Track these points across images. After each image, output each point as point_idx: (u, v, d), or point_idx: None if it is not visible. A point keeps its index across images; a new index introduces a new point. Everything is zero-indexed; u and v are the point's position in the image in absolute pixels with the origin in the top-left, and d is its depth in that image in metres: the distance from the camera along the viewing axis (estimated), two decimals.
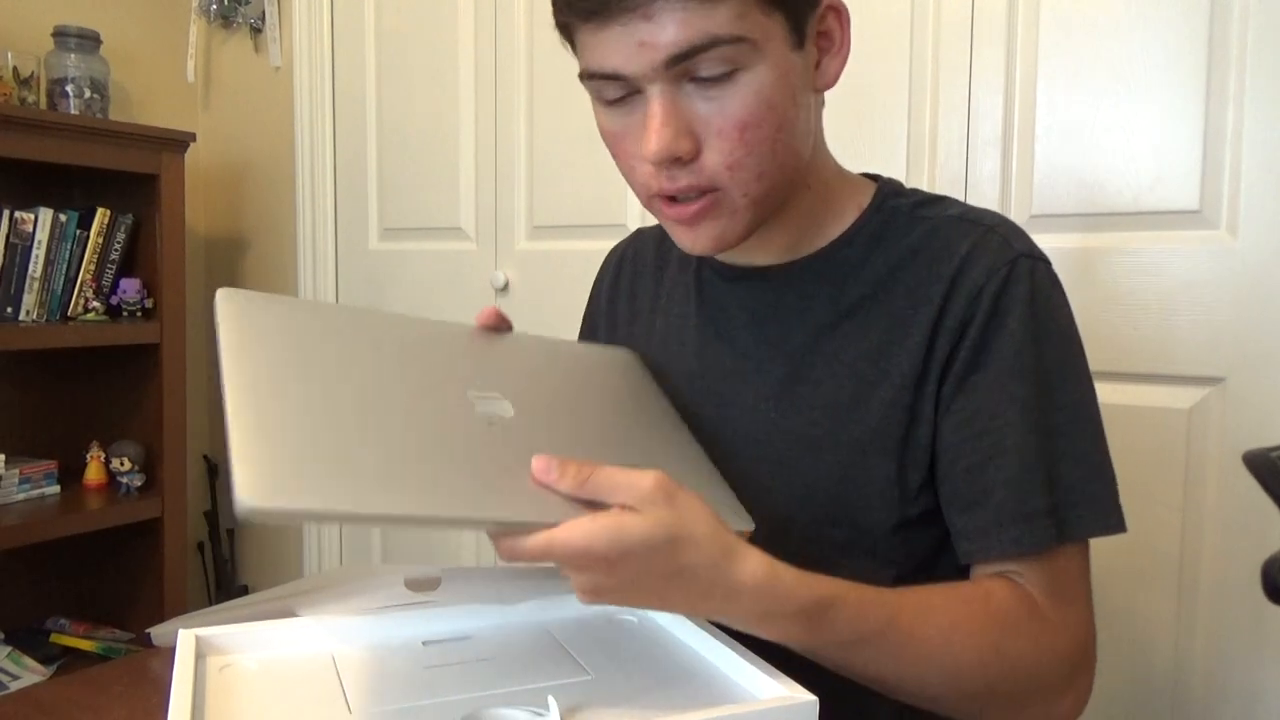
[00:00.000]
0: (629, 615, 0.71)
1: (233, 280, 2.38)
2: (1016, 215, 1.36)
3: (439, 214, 2.03)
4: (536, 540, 0.51)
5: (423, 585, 0.66)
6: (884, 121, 1.46)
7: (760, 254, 0.78)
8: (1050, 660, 0.66)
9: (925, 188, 1.43)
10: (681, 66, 0.62)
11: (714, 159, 0.65)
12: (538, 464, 0.55)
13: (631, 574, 0.52)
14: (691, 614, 0.57)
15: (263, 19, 2.22)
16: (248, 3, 2.24)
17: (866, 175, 0.81)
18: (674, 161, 0.65)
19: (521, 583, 0.73)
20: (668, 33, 0.61)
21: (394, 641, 0.65)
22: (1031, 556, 0.67)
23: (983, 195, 1.38)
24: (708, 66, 0.62)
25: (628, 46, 0.62)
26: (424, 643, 0.65)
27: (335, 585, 0.73)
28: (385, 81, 2.09)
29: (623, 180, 0.74)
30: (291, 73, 2.20)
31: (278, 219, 2.28)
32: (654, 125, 0.64)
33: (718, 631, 0.63)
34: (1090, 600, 0.70)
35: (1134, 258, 1.27)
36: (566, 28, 0.68)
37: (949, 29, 1.40)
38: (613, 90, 0.67)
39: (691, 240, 0.70)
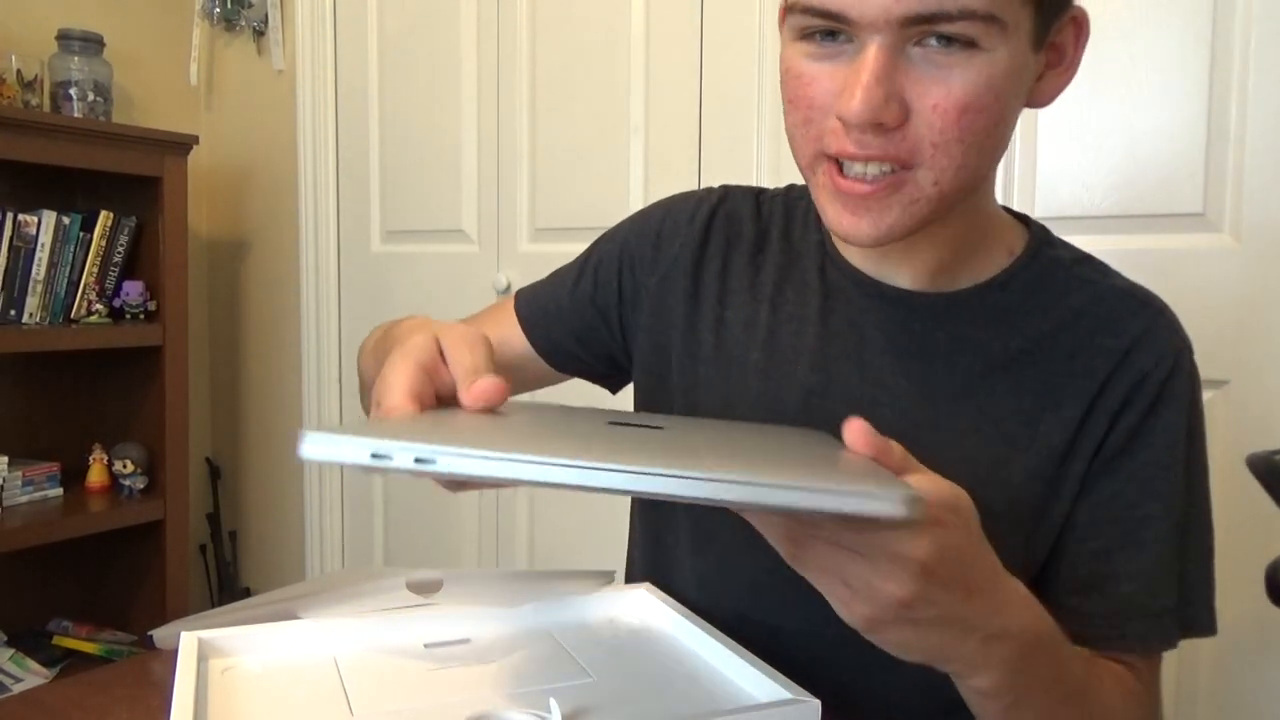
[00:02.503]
0: (631, 618, 0.71)
1: (235, 282, 2.39)
2: None
3: (441, 216, 2.03)
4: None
5: (424, 588, 0.66)
6: None
7: (903, 273, 0.70)
8: None
9: None
10: (918, 28, 0.55)
11: (922, 132, 0.57)
12: (858, 429, 0.44)
13: (970, 544, 0.46)
14: (979, 626, 0.48)
15: (265, 22, 2.23)
16: (250, 6, 2.24)
17: (1007, 210, 0.75)
18: (873, 128, 0.56)
19: (523, 586, 0.73)
20: None
21: (396, 644, 0.65)
22: (1153, 652, 0.68)
23: None
24: (946, 33, 0.55)
25: None
26: (426, 645, 0.65)
27: (337, 588, 0.72)
28: (387, 84, 2.09)
29: (624, 182, 0.72)
30: (294, 76, 2.20)
31: (280, 221, 2.28)
32: (865, 81, 0.55)
33: (719, 634, 0.63)
34: None
35: (1137, 261, 1.27)
36: None
37: None
38: (821, 28, 0.58)
39: (852, 224, 0.60)
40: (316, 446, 0.37)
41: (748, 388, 0.73)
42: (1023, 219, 0.75)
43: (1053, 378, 0.67)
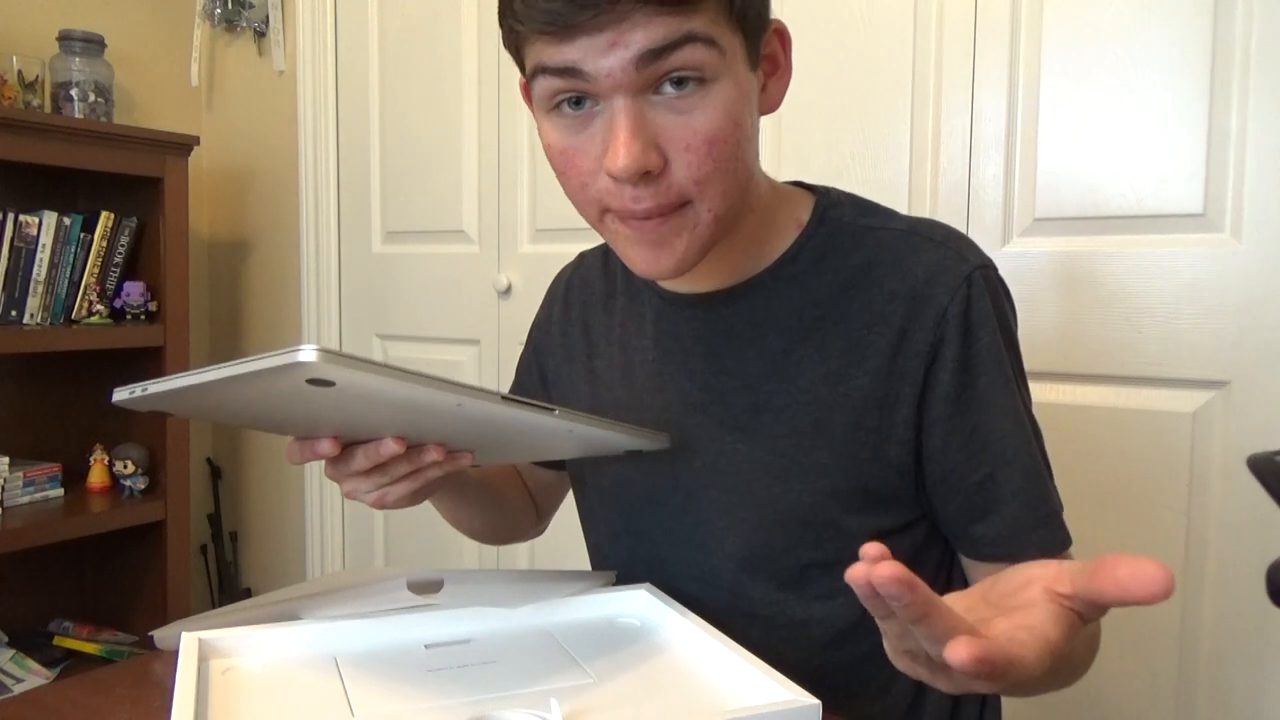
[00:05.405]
0: (631, 619, 0.71)
1: (235, 282, 2.39)
2: (1019, 219, 1.36)
3: (442, 217, 2.03)
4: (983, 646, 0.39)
5: (425, 589, 0.66)
6: (887, 125, 1.46)
7: (706, 280, 0.75)
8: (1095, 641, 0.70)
9: (929, 192, 1.44)
10: (652, 69, 0.59)
11: (681, 174, 0.62)
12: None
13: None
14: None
15: (266, 23, 2.23)
16: (251, 7, 2.24)
17: (798, 184, 0.78)
18: (641, 177, 0.61)
19: (523, 586, 0.73)
20: (640, 32, 0.58)
21: (396, 644, 0.65)
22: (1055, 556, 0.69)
23: (986, 198, 1.38)
24: (677, 73, 0.60)
25: (596, 46, 0.59)
26: (426, 646, 0.65)
27: (338, 588, 0.73)
28: (388, 85, 2.09)
29: None
30: (295, 76, 2.20)
31: (281, 222, 2.28)
32: (622, 138, 0.60)
33: (720, 634, 0.63)
34: None
35: (1137, 261, 1.27)
36: (518, 36, 0.63)
37: (952, 31, 1.40)
38: (566, 93, 0.62)
39: (651, 261, 0.66)
40: (120, 395, 0.53)
41: None
42: (810, 189, 0.78)
43: (852, 333, 0.70)
